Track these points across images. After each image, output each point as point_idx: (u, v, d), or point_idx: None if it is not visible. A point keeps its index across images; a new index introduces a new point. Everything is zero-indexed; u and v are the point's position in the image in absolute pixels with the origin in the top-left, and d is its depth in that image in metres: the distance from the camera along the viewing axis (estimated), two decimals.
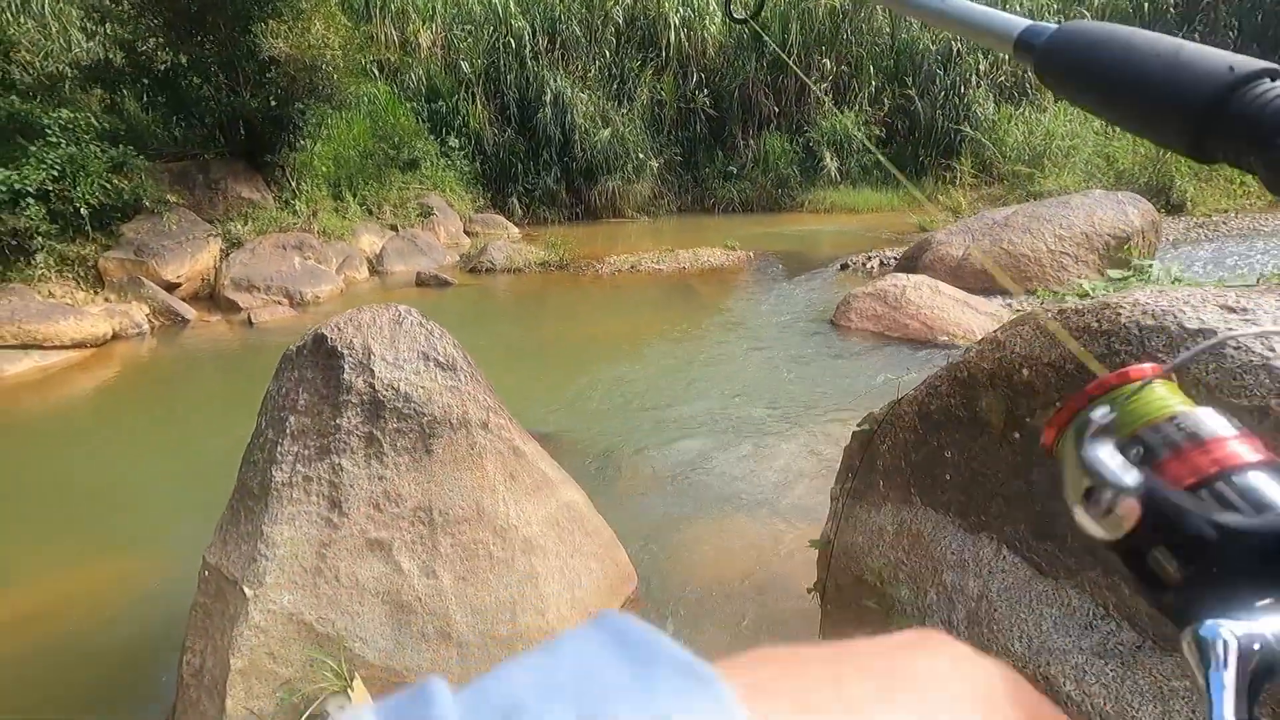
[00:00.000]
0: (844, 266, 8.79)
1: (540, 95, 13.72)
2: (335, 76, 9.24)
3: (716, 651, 0.21)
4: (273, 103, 8.95)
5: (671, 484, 3.83)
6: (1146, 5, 15.69)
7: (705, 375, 5.52)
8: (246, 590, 2.18)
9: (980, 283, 6.93)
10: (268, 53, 8.47)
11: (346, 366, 2.35)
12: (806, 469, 3.80)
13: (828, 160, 14.22)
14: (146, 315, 7.31)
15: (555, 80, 13.73)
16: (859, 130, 14.26)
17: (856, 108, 14.49)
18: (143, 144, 8.48)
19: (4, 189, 6.65)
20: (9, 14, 9.06)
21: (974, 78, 14.39)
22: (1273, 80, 0.23)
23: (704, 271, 9.37)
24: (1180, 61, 0.24)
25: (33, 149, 7.05)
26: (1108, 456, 0.24)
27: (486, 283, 9.39)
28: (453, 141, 13.20)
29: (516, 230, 12.70)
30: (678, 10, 14.51)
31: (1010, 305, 6.49)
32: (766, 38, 13.41)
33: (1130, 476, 0.23)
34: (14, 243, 6.87)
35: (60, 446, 4.96)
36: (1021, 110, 13.55)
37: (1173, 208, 10.18)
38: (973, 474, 1.44)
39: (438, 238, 11.10)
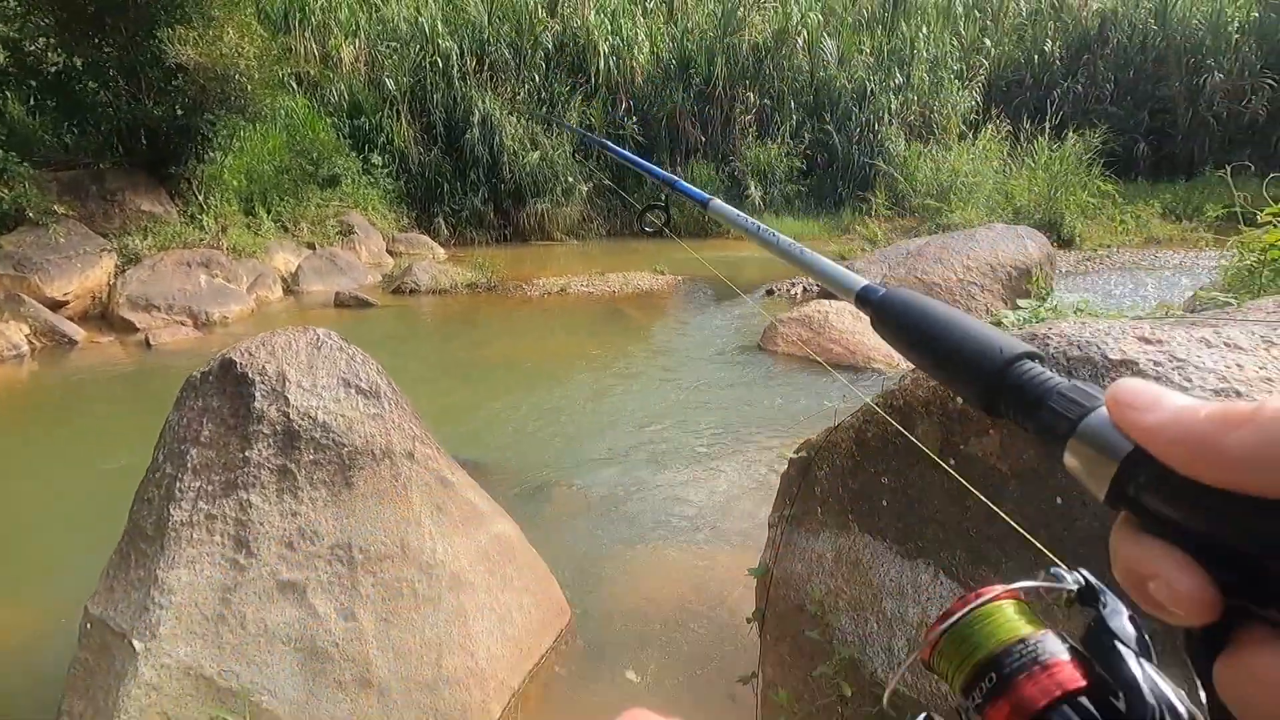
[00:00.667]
0: (769, 292, 9.02)
1: (468, 116, 13.55)
2: (249, 88, 8.81)
3: (653, 688, 0.21)
4: (179, 112, 8.44)
5: (604, 512, 3.76)
6: (1036, 58, 17.10)
7: (637, 400, 5.50)
8: (136, 644, 1.97)
9: None
10: (174, 59, 8.00)
11: (258, 394, 2.19)
12: (743, 495, 3.81)
13: (752, 189, 14.66)
14: (26, 335, 6.66)
15: (484, 101, 13.61)
16: (783, 160, 14.80)
17: (779, 139, 15.04)
18: (27, 150, 7.80)
19: None
20: None
21: (886, 115, 15.22)
22: (1032, 360, 0.28)
23: (634, 295, 9.41)
24: (969, 338, 0.30)
25: None
26: None
27: (411, 304, 9.09)
28: (376, 159, 12.82)
29: (443, 251, 12.41)
30: (607, 38, 14.71)
31: None
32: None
33: None
34: None
35: None
36: (929, 147, 14.43)
37: (1063, 242, 11.02)
38: (909, 500, 1.46)
39: (359, 257, 10.70)
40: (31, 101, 8.44)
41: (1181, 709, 0.23)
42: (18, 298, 6.80)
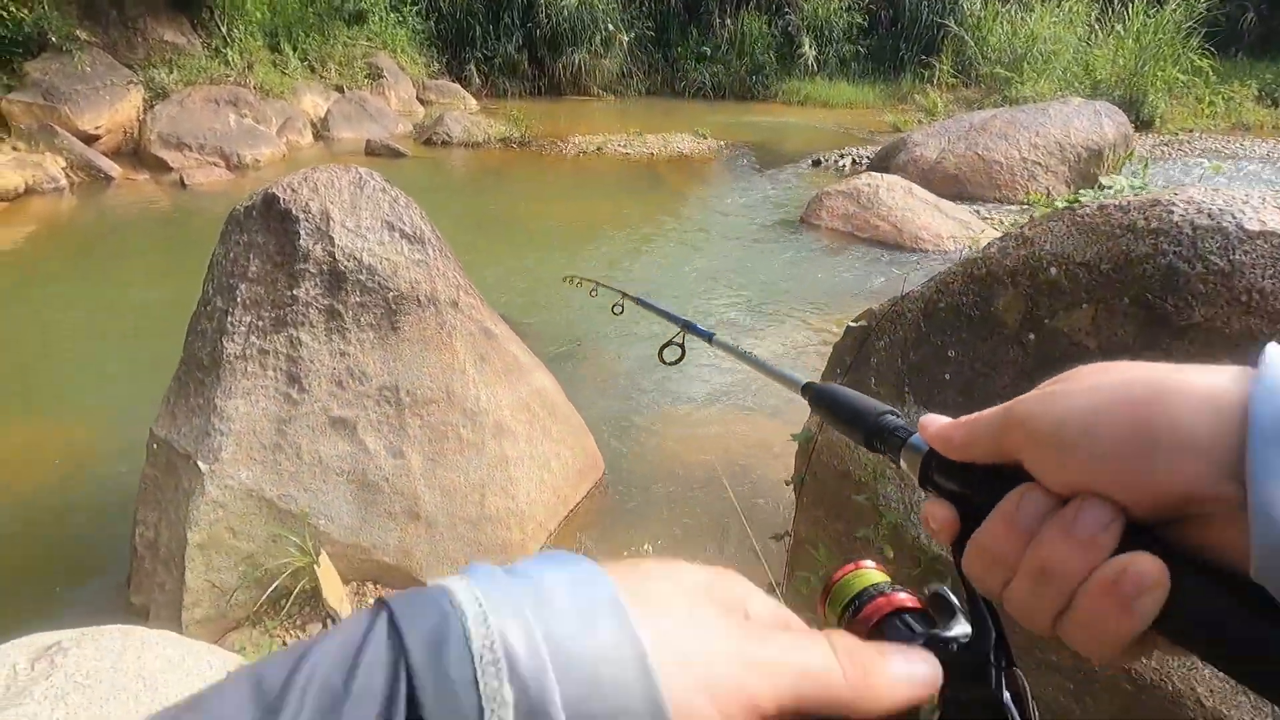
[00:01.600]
0: (816, 163, 8.56)
1: None
2: None
3: (682, 539, 0.48)
4: None
5: (641, 375, 3.80)
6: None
7: (674, 268, 5.40)
8: (201, 465, 2.08)
9: (952, 188, 6.85)
10: None
11: (303, 232, 2.15)
12: (783, 365, 3.81)
13: (806, 48, 13.52)
14: (63, 169, 6.63)
15: None
16: (842, 15, 13.53)
17: None
18: None
19: None
20: None
21: None
22: (894, 415, 0.42)
23: (673, 159, 9.00)
24: (861, 404, 0.45)
25: None
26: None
27: (442, 156, 8.82)
28: None
29: (474, 101, 11.84)
30: None
31: (978, 212, 6.47)
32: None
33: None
34: None
35: None
36: (1008, 7, 13.01)
37: (1143, 123, 10.14)
38: (975, 375, 1.41)
39: (388, 103, 10.26)
40: None
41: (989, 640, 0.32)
42: (50, 129, 6.69)
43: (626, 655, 0.22)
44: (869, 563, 0.38)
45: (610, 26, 13.14)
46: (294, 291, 2.15)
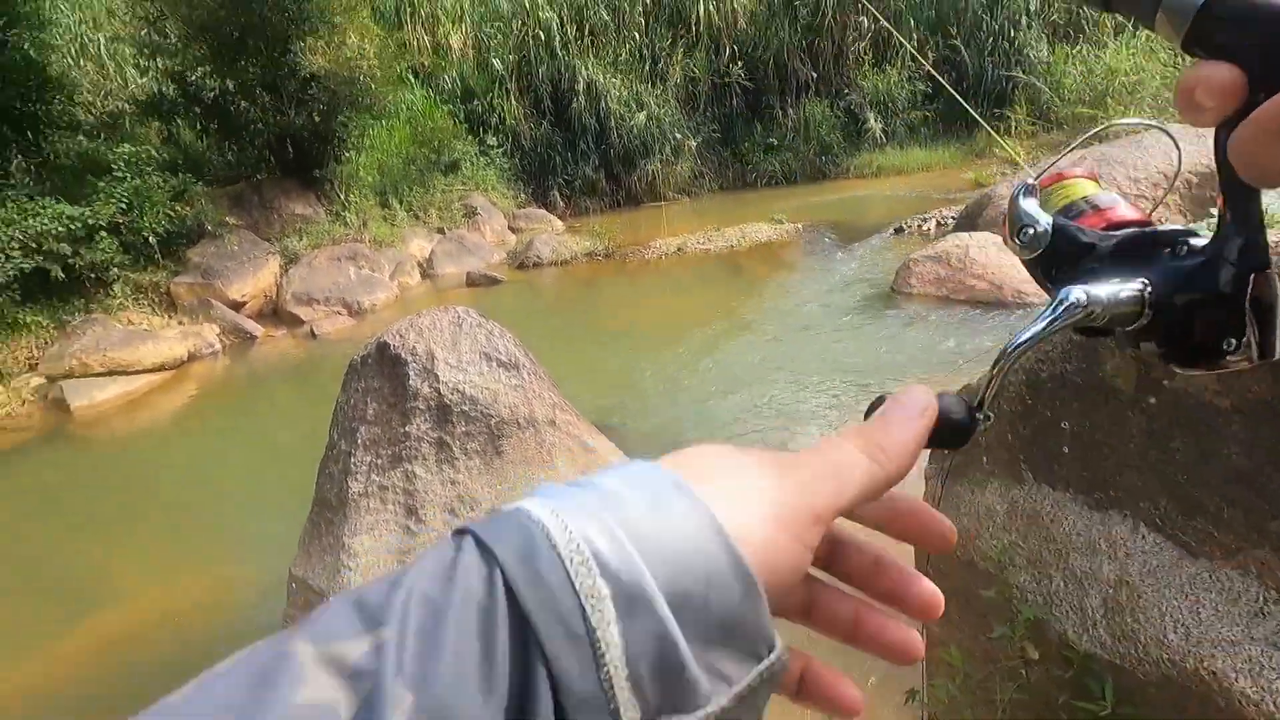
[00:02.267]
0: (898, 231, 8.45)
1: (573, 85, 13.64)
2: (373, 86, 9.36)
3: (804, 640, 0.29)
4: (316, 118, 9.14)
5: None
6: None
7: (766, 354, 5.38)
8: None
9: None
10: (308, 70, 8.64)
11: (411, 373, 2.34)
12: None
13: (872, 122, 13.71)
14: (217, 334, 7.60)
15: (586, 68, 13.62)
16: (904, 86, 13.69)
17: (898, 64, 13.90)
18: (200, 171, 8.80)
19: (79, 226, 6.99)
20: (69, 58, 9.49)
21: (1023, 19, 13.58)
22: None
23: (753, 248, 9.17)
24: None
25: (101, 185, 7.39)
26: (1031, 207, 0.41)
27: (535, 277, 9.42)
28: (491, 140, 13.26)
29: (560, 223, 12.71)
30: None
31: None
32: None
33: (1044, 218, 0.40)
34: (93, 275, 7.23)
35: (149, 465, 5.20)
36: (1078, 49, 12.73)
37: None
38: (1096, 445, 1.30)
39: (484, 237, 11.20)
40: (198, 126, 9.47)
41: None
42: (208, 302, 7.75)
43: (702, 525, 0.23)
44: (1079, 169, 0.39)
45: (678, 135, 13.92)
46: (406, 428, 2.32)
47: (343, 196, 9.93)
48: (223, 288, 7.93)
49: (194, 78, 8.94)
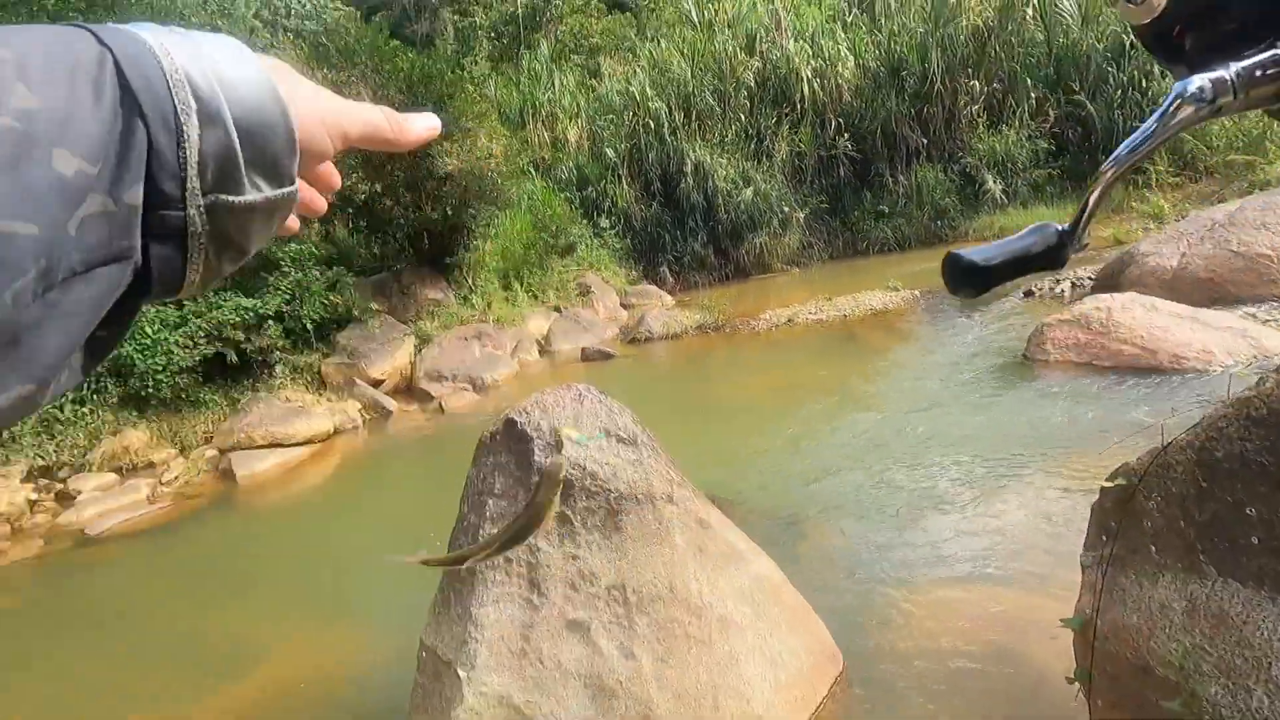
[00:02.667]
0: (1028, 294, 7.97)
1: (681, 167, 14.23)
2: (499, 181, 10.22)
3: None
4: (449, 212, 10.05)
5: (866, 550, 3.54)
6: None
7: (886, 428, 5.15)
8: (460, 672, 2.27)
9: (1206, 294, 5.94)
10: (443, 170, 9.59)
11: (536, 449, 2.44)
12: (1032, 529, 3.35)
13: (990, 183, 13.23)
14: (359, 410, 8.29)
15: (694, 151, 14.20)
16: (1023, 146, 13.18)
17: (1016, 124, 13.45)
18: (350, 263, 9.85)
19: (252, 315, 7.98)
20: None
21: (1155, 67, 12.83)
22: None
23: (867, 316, 8.93)
24: None
25: (271, 279, 8.44)
26: None
27: (646, 351, 9.63)
28: (603, 222, 13.98)
29: (670, 298, 13.02)
30: (809, 63, 14.55)
31: (1253, 315, 5.48)
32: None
33: None
34: (259, 358, 8.17)
35: (298, 532, 5.66)
36: None
37: None
38: None
39: (597, 314, 11.65)
40: (350, 225, 10.67)
41: None
42: (352, 381, 8.50)
43: (269, 90, 0.32)
44: None
45: (785, 208, 14.06)
46: None
47: (470, 281, 10.73)
48: (365, 368, 8.69)
49: (349, 183, 10.15)
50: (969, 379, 5.77)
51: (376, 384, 8.75)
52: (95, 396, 7.39)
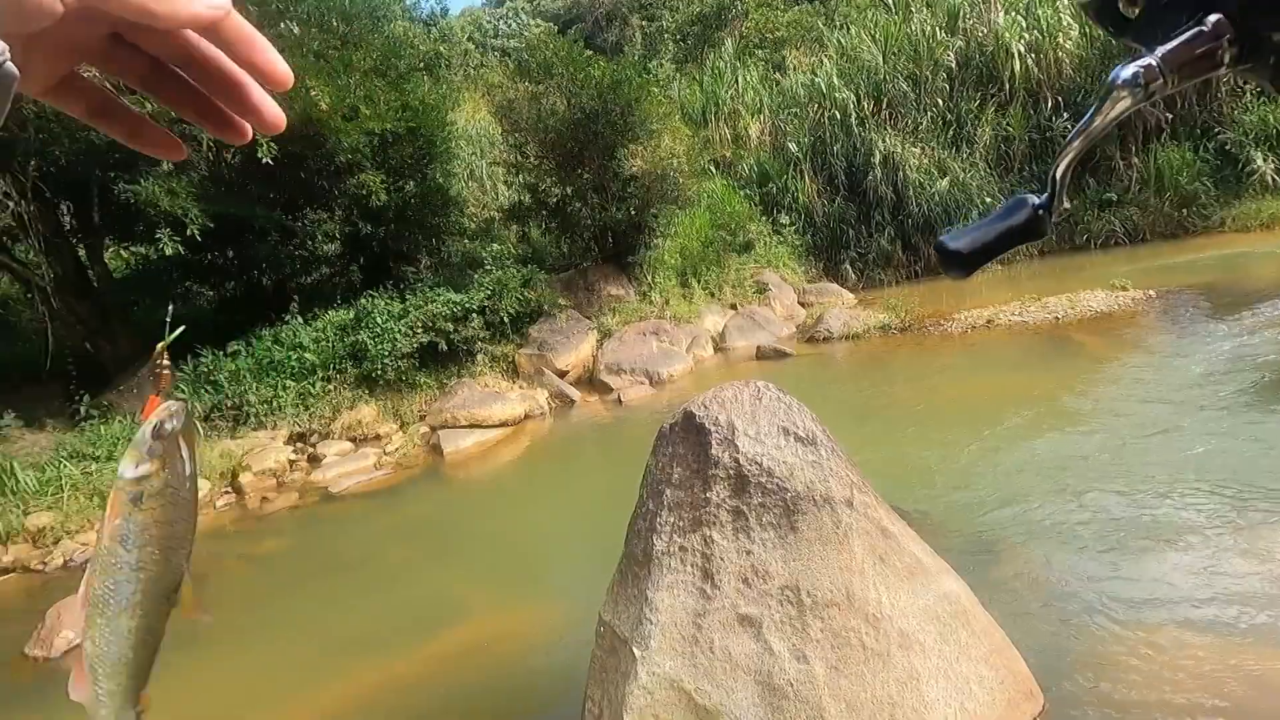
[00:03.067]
0: None
1: (868, 159, 13.52)
2: (681, 180, 10.44)
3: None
4: (633, 212, 10.46)
5: (1075, 583, 3.16)
6: None
7: (1104, 450, 4.53)
8: (635, 651, 2.38)
9: None
10: (629, 171, 9.99)
11: (713, 442, 2.49)
12: None
13: (1260, 162, 11.04)
14: (546, 398, 8.93)
15: (884, 141, 13.43)
16: None
17: None
18: (542, 261, 10.62)
19: (460, 308, 8.92)
20: (462, 181, 12.37)
21: None
22: None
23: (1086, 320, 7.90)
24: None
25: (475, 276, 9.37)
26: None
27: (825, 351, 9.31)
28: (783, 219, 13.71)
29: (851, 296, 12.46)
30: (1021, 37, 13.12)
31: None
32: None
33: None
34: (464, 348, 9.10)
35: (492, 506, 6.24)
36: None
37: None
38: None
39: (774, 312, 11.47)
40: (543, 226, 11.50)
41: None
42: (541, 371, 9.18)
43: None
44: None
45: (987, 199, 12.83)
46: (707, 494, 2.45)
47: (649, 278, 11.09)
48: (553, 359, 9.33)
49: (543, 187, 10.94)
50: (1212, 396, 4.89)
51: (562, 374, 9.36)
52: (338, 376, 8.69)
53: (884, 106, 13.90)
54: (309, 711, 3.55)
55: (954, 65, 13.75)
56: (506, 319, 9.22)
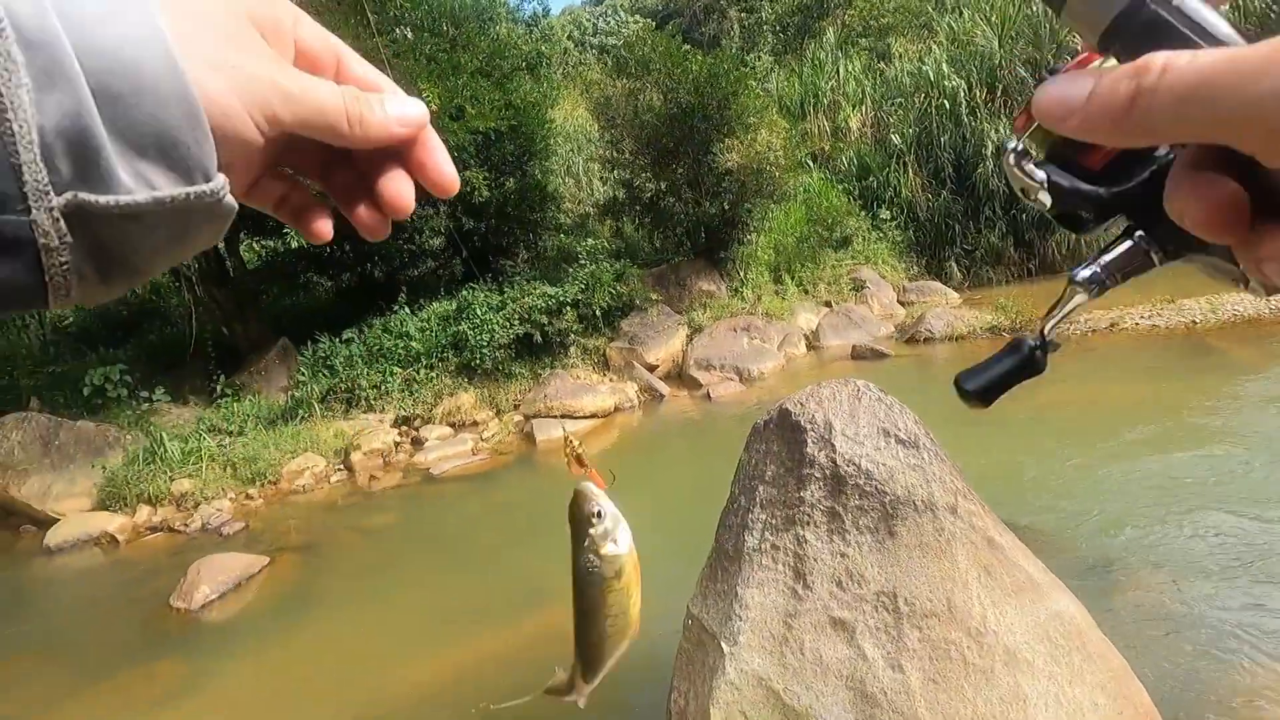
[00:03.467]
0: None
1: (979, 151, 12.79)
2: (777, 175, 10.25)
3: None
4: (726, 207, 10.37)
5: (1206, 613, 2.88)
6: None
7: (1244, 472, 4.09)
8: (724, 646, 2.38)
9: None
10: (724, 166, 9.91)
11: (809, 440, 2.44)
12: None
13: None
14: (636, 391, 9.03)
15: (997, 131, 12.65)
16: None
17: None
18: (635, 256, 10.73)
19: (554, 302, 9.16)
20: (559, 177, 12.68)
21: None
22: None
23: (1227, 325, 7.16)
24: None
25: (570, 270, 9.58)
26: (1024, 167, 0.36)
27: (925, 352, 8.90)
28: (884, 214, 13.20)
29: (956, 295, 11.84)
30: None
31: None
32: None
33: (1038, 174, 0.36)
34: (558, 340, 9.34)
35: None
36: None
37: None
38: None
39: (871, 310, 11.08)
40: (636, 221, 11.61)
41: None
42: (631, 365, 9.29)
43: (152, 42, 0.23)
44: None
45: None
46: (801, 493, 2.41)
47: (741, 274, 10.97)
48: (643, 353, 9.42)
49: (638, 183, 11.04)
50: None
51: (652, 368, 9.43)
52: (440, 364, 9.14)
53: (999, 94, 13.09)
54: (408, 677, 3.78)
55: (1079, 49, 12.74)
56: (599, 312, 9.39)
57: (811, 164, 13.72)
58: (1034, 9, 13.29)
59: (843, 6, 19.58)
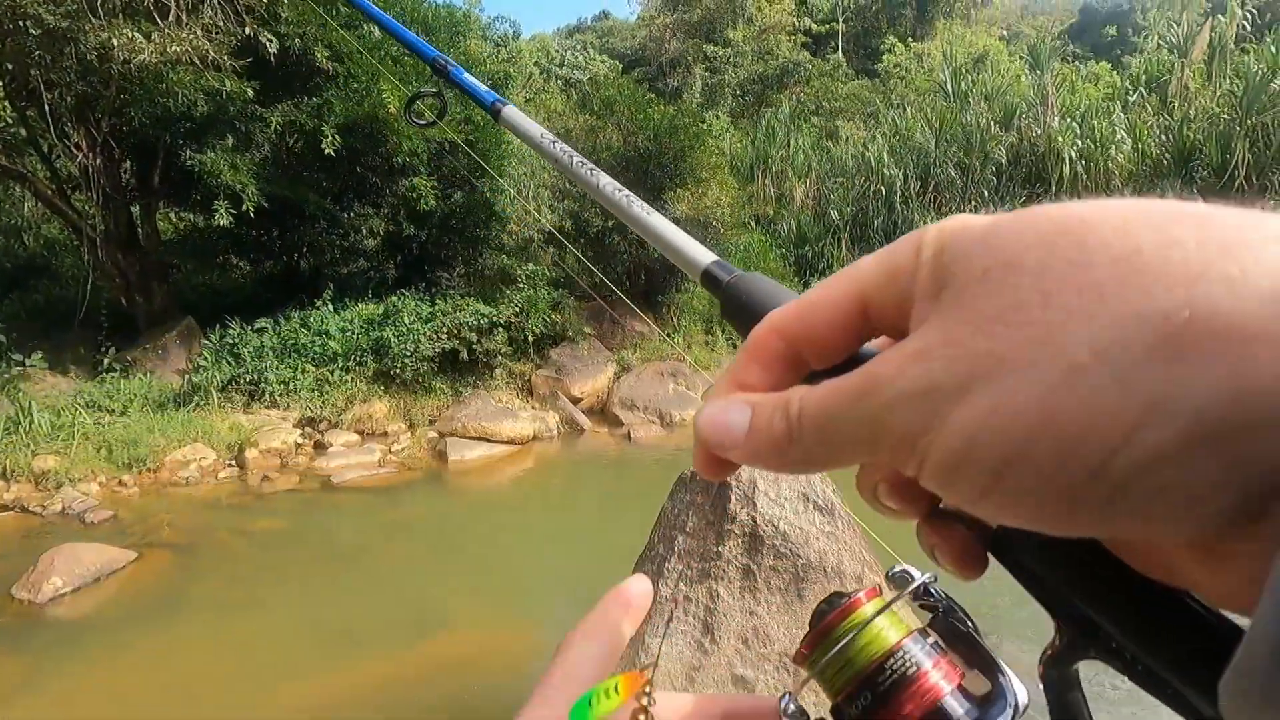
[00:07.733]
0: None
1: None
2: (721, 230, 10.60)
3: None
4: None
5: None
6: None
7: None
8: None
9: None
10: (672, 215, 10.17)
11: (733, 497, 2.50)
12: None
13: None
14: (557, 422, 8.95)
15: (926, 221, 13.52)
16: None
17: None
18: (573, 287, 10.75)
19: (486, 320, 9.03)
20: (508, 198, 12.63)
21: None
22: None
23: None
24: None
25: (507, 292, 9.50)
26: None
27: None
28: (814, 282, 13.81)
29: None
30: (1074, 143, 13.32)
31: None
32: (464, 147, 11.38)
33: None
34: (484, 359, 9.18)
35: (488, 519, 6.22)
36: None
37: None
38: None
39: None
40: (579, 254, 11.67)
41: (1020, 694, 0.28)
42: (556, 394, 9.23)
43: None
44: (862, 595, 0.30)
45: None
46: (719, 548, 2.45)
47: (675, 320, 11.19)
48: (569, 384, 9.38)
49: (585, 216, 11.15)
50: None
51: (576, 401, 9.40)
52: (357, 368, 8.79)
53: (930, 189, 14.11)
54: (276, 701, 3.52)
55: (1004, 160, 13.97)
56: (530, 338, 9.32)
57: (754, 225, 14.27)
58: (969, 119, 14.52)
59: (800, 83, 20.74)
